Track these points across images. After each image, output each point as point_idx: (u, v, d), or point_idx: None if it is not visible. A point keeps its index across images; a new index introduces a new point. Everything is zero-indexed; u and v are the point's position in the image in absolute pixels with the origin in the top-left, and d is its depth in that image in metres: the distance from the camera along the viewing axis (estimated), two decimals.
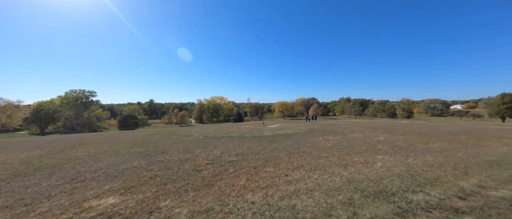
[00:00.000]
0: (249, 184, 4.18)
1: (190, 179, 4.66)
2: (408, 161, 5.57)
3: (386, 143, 8.51)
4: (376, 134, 11.71)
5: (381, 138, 9.96)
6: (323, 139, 10.09)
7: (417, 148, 7.38)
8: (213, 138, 11.82)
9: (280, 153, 7.07)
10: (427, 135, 10.95)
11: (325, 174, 4.63)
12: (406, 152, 6.81)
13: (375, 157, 6.18)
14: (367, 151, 7.10)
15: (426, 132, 12.43)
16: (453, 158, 5.78)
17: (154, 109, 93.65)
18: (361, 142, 8.91)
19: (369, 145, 8.26)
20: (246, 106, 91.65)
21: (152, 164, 6.13)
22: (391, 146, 7.95)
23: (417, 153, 6.57)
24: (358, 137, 10.46)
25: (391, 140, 9.44)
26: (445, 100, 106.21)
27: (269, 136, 11.70)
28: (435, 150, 7.06)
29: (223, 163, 5.95)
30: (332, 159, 6.07)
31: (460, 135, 10.85)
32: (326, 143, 9.04)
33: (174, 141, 11.14)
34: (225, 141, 10.30)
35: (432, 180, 4.02)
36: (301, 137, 11.16)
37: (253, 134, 13.17)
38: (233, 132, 15.10)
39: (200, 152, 7.68)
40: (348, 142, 9.14)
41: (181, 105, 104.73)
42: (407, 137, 10.08)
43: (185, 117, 69.83)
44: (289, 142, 9.40)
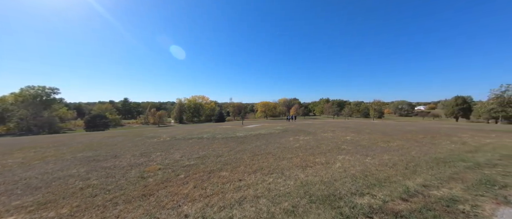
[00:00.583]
0: (193, 193, 3.71)
1: (128, 189, 4.03)
2: (366, 161, 5.59)
3: (351, 143, 8.67)
4: (345, 133, 12.03)
5: (348, 137, 10.20)
6: (293, 139, 10.00)
7: (378, 147, 7.60)
8: (182, 139, 11.05)
9: (244, 155, 6.70)
10: (390, 134, 11.54)
11: (281, 178, 4.36)
12: (367, 151, 6.93)
13: (337, 157, 6.15)
14: (332, 151, 7.09)
15: (390, 131, 13.14)
16: (406, 157, 5.98)
17: (129, 108, 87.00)
18: (329, 142, 8.98)
19: (335, 144, 8.33)
20: (228, 106, 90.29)
21: (93, 172, 5.31)
22: (355, 145, 8.09)
23: (376, 152, 6.71)
24: (327, 137, 10.60)
25: (357, 139, 9.70)
26: (410, 102, 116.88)
27: (241, 137, 11.30)
28: (394, 148, 7.33)
29: (177, 168, 5.38)
30: (295, 160, 5.87)
31: (418, 133, 11.65)
32: (295, 143, 8.92)
33: (135, 143, 10.12)
34: (193, 143, 9.64)
35: (382, 180, 3.97)
36: (273, 137, 10.96)
37: (227, 134, 12.66)
38: (206, 132, 14.41)
39: (157, 156, 6.96)
40: (316, 141, 9.15)
41: (159, 105, 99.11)
42: (372, 136, 10.48)
43: (163, 116, 66.20)
44: (259, 143, 9.10)
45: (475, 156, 5.87)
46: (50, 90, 53.62)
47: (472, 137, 10.23)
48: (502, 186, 3.60)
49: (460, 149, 6.99)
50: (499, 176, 4.12)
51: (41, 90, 52.29)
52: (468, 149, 7.07)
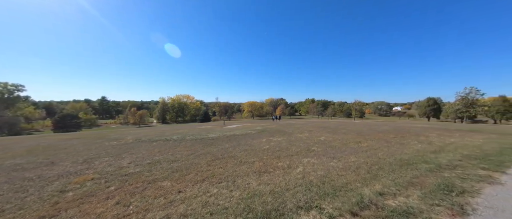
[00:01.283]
0: (109, 212, 2.96)
1: (31, 208, 3.16)
2: (331, 164, 5.20)
3: (323, 143, 8.36)
4: (321, 133, 11.81)
5: (322, 138, 9.93)
6: (266, 140, 9.49)
7: (348, 148, 7.33)
8: (146, 141, 10.04)
9: (203, 160, 6.01)
10: (364, 133, 11.52)
11: (228, 188, 3.76)
12: (336, 153, 6.60)
13: (302, 160, 5.70)
14: (300, 153, 6.66)
15: (365, 131, 13.20)
16: (372, 159, 5.70)
17: (107, 108, 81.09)
18: (301, 143, 8.59)
19: (306, 145, 7.95)
20: (215, 106, 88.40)
21: (5, 184, 4.29)
22: (327, 146, 7.77)
23: (344, 154, 6.39)
24: (302, 138, 10.25)
25: (330, 139, 9.44)
26: (388, 102, 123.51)
27: (212, 138, 10.56)
28: (363, 149, 7.09)
29: (113, 178, 4.54)
30: (256, 165, 5.31)
31: (390, 133, 11.78)
32: (266, 144, 8.41)
33: (89, 147, 8.95)
34: (156, 146, 8.72)
35: (338, 188, 3.53)
36: (246, 138, 10.38)
37: (200, 135, 11.85)
38: (179, 133, 13.44)
39: (102, 162, 6.01)
40: (289, 143, 8.72)
41: (141, 104, 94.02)
42: (346, 137, 10.33)
43: (144, 116, 62.82)
44: (228, 145, 8.45)
45: (438, 157, 5.76)
46: (14, 88, 48.13)
47: (438, 136, 10.50)
48: (460, 192, 3.32)
49: (425, 149, 6.92)
50: (457, 180, 3.89)
51: (2, 87, 46.75)
52: (433, 149, 7.04)
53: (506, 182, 3.77)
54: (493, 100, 50.19)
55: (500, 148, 7.08)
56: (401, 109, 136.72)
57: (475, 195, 3.24)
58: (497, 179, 3.92)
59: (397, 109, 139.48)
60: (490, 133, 12.43)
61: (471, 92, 38.60)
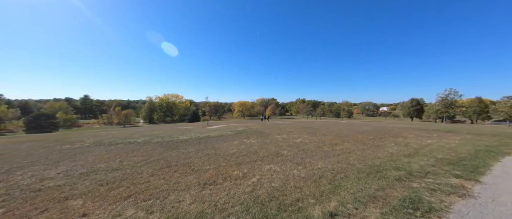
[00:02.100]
0: None
1: None
2: (293, 172, 4.54)
3: (296, 146, 7.75)
4: (300, 135, 11.26)
5: (299, 140, 9.35)
6: (238, 143, 8.75)
7: (320, 152, 6.74)
8: (104, 145, 8.98)
9: (150, 168, 5.17)
10: (343, 135, 11.09)
11: (149, 209, 2.97)
12: (305, 157, 5.98)
13: (264, 167, 5.01)
14: (266, 158, 5.98)
15: (346, 131, 12.82)
16: (341, 165, 5.11)
17: (90, 107, 76.71)
18: (273, 146, 7.94)
19: (278, 149, 7.30)
20: (205, 106, 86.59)
21: None
22: (299, 149, 7.16)
23: (314, 159, 5.78)
24: (278, 139, 9.62)
25: (306, 141, 8.87)
26: (375, 103, 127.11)
27: (181, 141, 9.69)
28: (336, 153, 6.53)
29: (20, 194, 3.62)
30: (208, 174, 4.55)
31: (370, 134, 11.44)
32: (235, 148, 7.67)
33: (32, 152, 7.79)
34: (110, 150, 7.73)
35: (285, 208, 2.86)
36: (218, 140, 9.59)
37: (170, 138, 10.91)
38: (148, 135, 12.42)
39: (25, 172, 5.00)
40: (260, 145, 8.04)
41: (127, 103, 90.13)
42: (324, 138, 9.82)
43: (129, 116, 60.11)
44: (192, 149, 7.63)
45: (411, 162, 5.28)
46: None
47: (416, 137, 10.25)
48: (426, 210, 2.74)
49: (399, 153, 6.48)
50: (426, 192, 3.34)
51: None
52: (408, 152, 6.61)
53: (480, 195, 3.26)
54: (470, 101, 52.62)
55: (474, 150, 6.78)
56: (387, 109, 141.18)
57: (443, 214, 2.68)
58: (470, 191, 3.42)
59: (383, 109, 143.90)
60: (466, 134, 12.45)
61: (450, 94, 40.15)
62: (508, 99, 35.00)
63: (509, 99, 34.78)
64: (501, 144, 8.18)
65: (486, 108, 47.85)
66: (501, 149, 6.91)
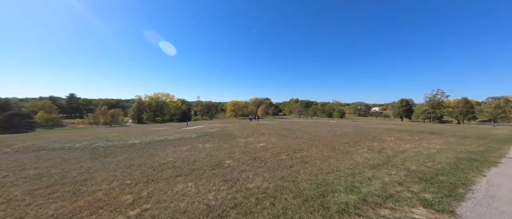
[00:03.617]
0: None
1: None
2: (207, 196, 3.24)
3: (250, 153, 6.45)
4: (269, 138, 10.00)
5: (262, 144, 8.07)
6: (188, 148, 7.40)
7: (272, 161, 5.46)
8: (29, 151, 7.46)
9: (22, 189, 3.75)
10: (317, 138, 9.90)
11: None
12: (247, 170, 4.69)
13: (177, 186, 3.69)
14: (196, 170, 4.66)
15: (322, 133, 11.66)
16: (283, 182, 3.84)
17: (76, 106, 73.15)
18: (224, 152, 6.62)
19: (226, 156, 5.99)
20: (197, 105, 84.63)
21: None
22: (249, 157, 5.87)
23: (256, 172, 4.50)
24: (238, 143, 8.31)
25: (269, 147, 7.60)
26: (367, 103, 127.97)
27: (123, 146, 8.27)
28: (290, 163, 5.26)
29: None
30: (81, 201, 3.19)
31: (347, 136, 10.29)
32: (177, 155, 6.33)
33: None
34: (21, 159, 6.22)
35: None
36: (166, 145, 8.22)
37: (118, 142, 9.46)
38: (99, 138, 10.93)
39: None
40: (210, 152, 6.72)
41: (116, 102, 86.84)
42: (292, 142, 8.58)
43: (117, 115, 57.63)
44: (122, 157, 6.23)
45: (374, 177, 4.06)
46: None
47: (396, 140, 9.16)
48: None
49: (367, 162, 5.27)
50: None
51: None
52: (378, 160, 5.41)
53: None
54: (457, 102, 52.88)
55: (455, 158, 5.65)
56: (378, 109, 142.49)
57: None
58: None
59: (375, 109, 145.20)
60: (450, 136, 11.48)
61: (438, 94, 39.91)
62: (492, 100, 34.93)
63: (493, 100, 34.70)
64: (487, 149, 7.12)
65: (472, 109, 48.08)
66: (486, 157, 5.80)
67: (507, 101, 33.13)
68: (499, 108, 33.04)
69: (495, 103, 33.66)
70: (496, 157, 5.82)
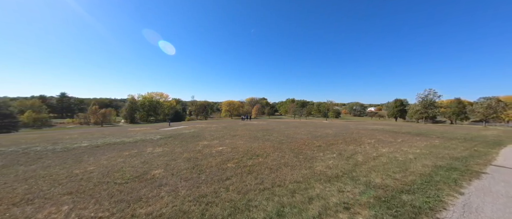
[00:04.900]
0: None
1: None
2: None
3: (197, 160, 5.45)
4: (238, 140, 9.02)
5: (222, 148, 7.06)
6: (130, 154, 6.36)
7: (212, 172, 4.46)
8: None
9: None
10: (291, 140, 8.93)
11: None
12: (164, 186, 3.68)
13: (44, 211, 2.65)
14: (99, 185, 3.63)
15: (300, 136, 10.70)
16: (193, 205, 2.83)
17: (68, 105, 71.24)
18: (169, 158, 5.60)
19: (165, 164, 4.97)
20: (191, 105, 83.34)
21: None
22: (190, 165, 4.86)
23: (173, 189, 3.50)
24: (196, 147, 7.29)
25: (227, 151, 6.59)
26: (363, 103, 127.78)
27: (67, 150, 7.18)
28: (237, 172, 4.27)
29: None
30: None
31: (323, 139, 9.33)
32: (106, 163, 5.28)
33: None
34: None
35: None
36: (113, 149, 7.16)
37: (69, 144, 8.38)
38: (55, 140, 9.80)
39: None
40: (152, 158, 5.69)
41: (109, 102, 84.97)
42: (260, 145, 7.59)
43: (108, 115, 56.12)
44: (38, 165, 5.16)
45: (321, 196, 3.07)
46: None
47: (375, 143, 8.22)
48: None
49: (325, 172, 4.29)
50: None
51: None
52: (341, 170, 4.43)
53: None
54: (450, 102, 52.45)
55: (432, 167, 4.69)
56: (374, 110, 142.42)
57: None
58: None
59: (370, 110, 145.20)
60: (436, 137, 10.61)
61: (430, 94, 39.31)
62: (484, 101, 34.39)
63: (485, 101, 34.16)
64: (471, 154, 6.20)
65: (464, 109, 47.67)
66: (469, 165, 4.86)
67: (499, 101, 32.59)
68: (490, 108, 32.50)
69: (487, 103, 33.11)
70: (481, 165, 4.88)
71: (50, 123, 52.22)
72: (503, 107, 32.37)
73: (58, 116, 66.62)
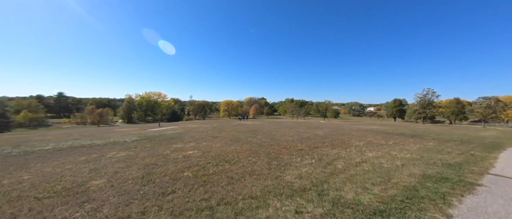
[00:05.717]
0: None
1: None
2: None
3: (157, 166, 4.79)
4: (215, 143, 8.36)
5: (193, 152, 6.40)
6: (93, 157, 5.70)
7: (165, 182, 3.80)
8: None
9: None
10: (274, 142, 8.26)
11: None
12: (94, 199, 3.01)
13: None
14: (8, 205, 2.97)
15: (286, 138, 10.04)
16: None
17: (66, 105, 70.66)
18: (123, 164, 4.94)
19: (109, 172, 4.31)
20: (189, 105, 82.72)
21: None
22: (143, 173, 4.20)
23: (87, 212, 2.83)
24: (165, 151, 6.63)
25: (197, 155, 5.94)
26: (362, 103, 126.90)
27: (27, 153, 6.53)
28: (185, 184, 3.62)
29: None
30: None
31: (311, 140, 8.66)
32: (53, 168, 4.62)
33: None
34: None
35: None
36: (73, 153, 6.50)
37: (36, 147, 7.72)
38: (19, 142, 9.15)
39: None
40: (100, 164, 5.03)
41: (107, 101, 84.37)
42: (237, 148, 6.92)
43: (105, 115, 55.57)
44: None
45: None
46: None
47: (364, 145, 7.55)
48: None
49: (292, 185, 3.62)
50: None
51: None
52: (312, 180, 3.76)
53: None
54: (449, 102, 51.59)
55: (420, 176, 4.02)
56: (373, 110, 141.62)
57: None
58: None
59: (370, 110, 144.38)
60: (431, 139, 9.92)
61: (428, 94, 38.49)
62: (483, 100, 33.58)
63: (484, 100, 33.35)
64: (466, 160, 5.51)
65: (463, 109, 46.86)
66: (462, 175, 4.18)
67: (498, 101, 31.76)
68: (489, 108, 31.71)
69: (486, 103, 32.31)
70: (476, 174, 4.20)
71: (47, 122, 51.69)
72: (503, 107, 31.57)
73: (56, 115, 66.14)
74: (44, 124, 50.49)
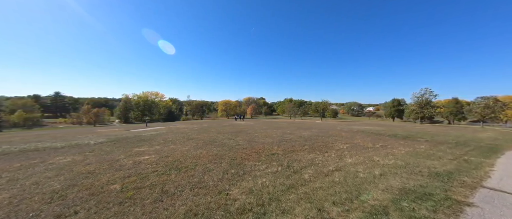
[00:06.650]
0: None
1: None
2: None
3: (81, 179, 4.03)
4: (183, 147, 7.62)
5: (149, 157, 5.63)
6: (32, 163, 4.95)
7: (70, 200, 3.04)
8: None
9: None
10: (250, 145, 7.50)
11: None
12: None
13: None
14: None
15: (267, 139, 9.29)
16: None
17: (62, 105, 70.05)
18: (46, 174, 4.19)
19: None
20: (187, 105, 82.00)
21: None
22: (69, 185, 3.44)
23: None
24: (120, 156, 5.88)
25: (152, 161, 5.18)
26: (361, 103, 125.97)
27: None
28: (98, 200, 2.85)
29: None
30: None
31: (291, 142, 7.88)
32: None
33: None
34: None
35: None
36: (17, 157, 5.75)
37: None
38: None
39: None
40: (18, 178, 4.28)
41: (105, 101, 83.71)
42: (202, 152, 6.16)
43: (101, 115, 54.91)
44: None
45: None
46: None
47: (347, 149, 6.77)
48: None
49: (234, 202, 2.85)
50: None
51: None
52: (260, 198, 3.00)
53: None
54: (447, 102, 50.65)
55: (398, 190, 3.24)
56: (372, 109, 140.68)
57: None
58: None
59: (369, 109, 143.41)
60: (425, 141, 9.15)
61: (426, 93, 37.63)
62: (481, 100, 32.72)
63: (482, 100, 32.49)
64: (458, 168, 4.72)
65: (461, 108, 45.96)
66: (450, 190, 3.39)
67: (496, 101, 30.89)
68: (488, 108, 30.85)
69: (484, 103, 31.45)
70: (468, 188, 3.42)
71: (42, 122, 51.03)
72: (501, 107, 30.69)
73: (53, 115, 65.52)
74: (39, 124, 49.83)
